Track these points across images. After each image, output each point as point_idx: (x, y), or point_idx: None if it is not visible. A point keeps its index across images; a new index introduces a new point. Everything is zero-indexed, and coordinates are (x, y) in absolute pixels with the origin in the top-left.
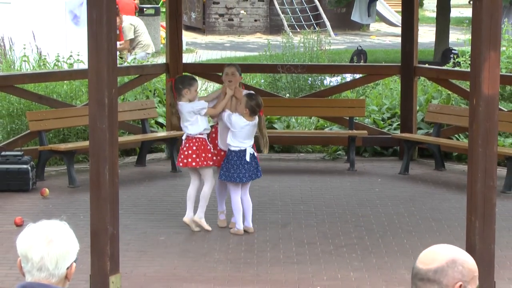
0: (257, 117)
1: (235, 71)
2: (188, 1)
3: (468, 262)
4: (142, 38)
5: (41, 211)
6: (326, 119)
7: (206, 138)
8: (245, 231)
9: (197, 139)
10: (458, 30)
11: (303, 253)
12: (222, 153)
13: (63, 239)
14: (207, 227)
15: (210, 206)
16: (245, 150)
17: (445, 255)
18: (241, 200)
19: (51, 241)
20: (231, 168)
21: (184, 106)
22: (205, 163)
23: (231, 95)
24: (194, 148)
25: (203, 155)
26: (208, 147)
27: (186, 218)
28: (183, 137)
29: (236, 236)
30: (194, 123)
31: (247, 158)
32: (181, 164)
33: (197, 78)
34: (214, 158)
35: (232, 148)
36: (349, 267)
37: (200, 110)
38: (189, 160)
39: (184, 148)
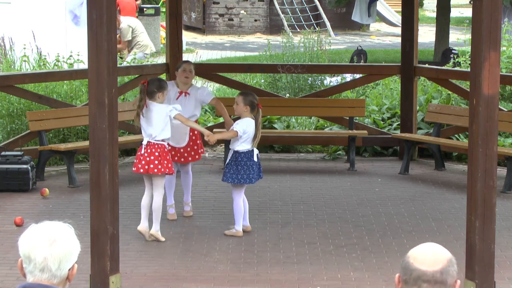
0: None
1: (192, 68)
2: (188, 1)
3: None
4: (141, 39)
5: (41, 211)
6: (326, 119)
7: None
8: (243, 230)
9: (159, 145)
10: (458, 30)
11: (303, 253)
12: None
13: (66, 240)
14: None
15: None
16: (252, 151)
17: (443, 255)
18: None
19: (54, 242)
20: (241, 169)
21: (158, 107)
22: (163, 170)
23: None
24: (157, 154)
25: (165, 162)
26: (169, 157)
27: (141, 227)
28: (144, 142)
29: (235, 236)
30: (165, 128)
31: (255, 158)
32: (141, 171)
33: (197, 78)
34: (169, 165)
35: (241, 150)
36: (349, 267)
37: (171, 111)
38: (151, 166)
39: (145, 154)
